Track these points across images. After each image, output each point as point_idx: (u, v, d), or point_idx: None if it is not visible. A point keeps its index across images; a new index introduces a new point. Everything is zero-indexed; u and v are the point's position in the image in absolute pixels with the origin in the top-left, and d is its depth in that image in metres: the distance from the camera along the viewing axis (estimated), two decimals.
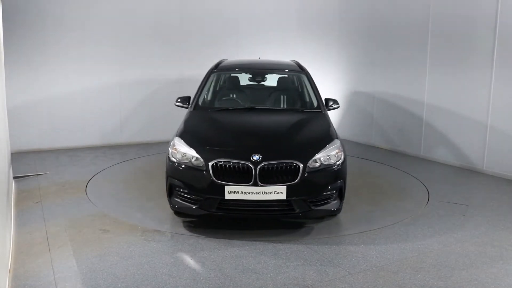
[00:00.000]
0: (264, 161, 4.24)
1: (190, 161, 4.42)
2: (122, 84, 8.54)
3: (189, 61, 8.93)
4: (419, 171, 6.95)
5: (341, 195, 4.62)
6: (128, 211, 5.08)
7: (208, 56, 8.48)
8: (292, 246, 4.22)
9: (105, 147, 8.30)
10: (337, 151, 4.60)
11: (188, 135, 4.74)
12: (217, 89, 6.27)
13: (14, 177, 6.21)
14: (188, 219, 4.81)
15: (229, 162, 4.27)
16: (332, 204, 4.55)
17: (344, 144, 4.92)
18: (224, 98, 6.06)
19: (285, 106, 5.82)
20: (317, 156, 4.45)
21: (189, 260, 3.91)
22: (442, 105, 7.43)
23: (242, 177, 4.24)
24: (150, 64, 8.72)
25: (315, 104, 5.61)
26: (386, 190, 6.05)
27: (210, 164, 4.28)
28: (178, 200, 4.52)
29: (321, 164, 4.45)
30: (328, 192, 4.48)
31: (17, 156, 7.35)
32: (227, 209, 4.37)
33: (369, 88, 8.85)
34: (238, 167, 4.26)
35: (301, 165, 4.30)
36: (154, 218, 4.88)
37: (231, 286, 3.49)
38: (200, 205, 4.37)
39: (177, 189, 4.49)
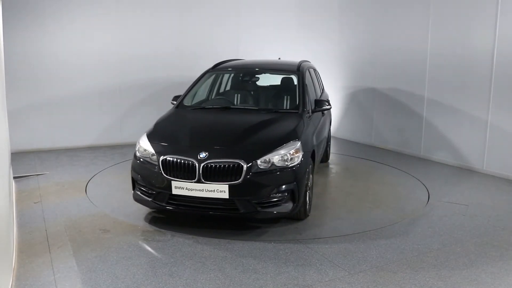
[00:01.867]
0: (209, 159, 4.32)
1: (149, 156, 4.61)
2: (122, 84, 8.54)
3: (190, 62, 8.91)
4: (419, 171, 6.95)
5: (293, 198, 4.46)
6: (128, 211, 5.08)
7: (209, 57, 8.48)
8: (292, 246, 4.23)
9: (105, 147, 8.30)
10: (293, 152, 4.49)
11: (154, 132, 4.95)
12: (208, 88, 6.31)
13: (14, 177, 6.21)
14: (187, 219, 4.82)
15: (177, 158, 4.40)
16: (282, 207, 4.41)
17: (303, 146, 4.73)
18: (210, 98, 6.13)
19: (262, 106, 5.73)
20: (267, 156, 4.38)
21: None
22: (442, 105, 7.43)
23: (188, 173, 4.34)
24: (150, 64, 8.72)
25: (295, 104, 5.50)
26: (386, 190, 6.05)
27: (160, 159, 4.46)
28: (138, 193, 4.72)
29: (272, 164, 4.38)
30: (277, 194, 4.37)
31: (17, 156, 7.36)
32: (176, 204, 4.49)
33: (369, 87, 8.85)
34: (184, 163, 4.36)
35: (245, 165, 4.27)
36: (154, 217, 4.89)
37: (231, 286, 3.50)
38: (153, 198, 4.56)
39: (138, 182, 4.71)
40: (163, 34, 8.78)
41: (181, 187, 4.35)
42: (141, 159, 4.68)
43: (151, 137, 4.82)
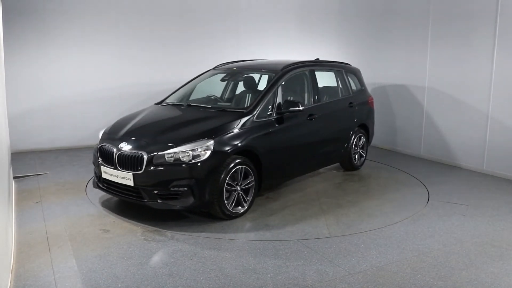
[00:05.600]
0: (125, 149, 4.79)
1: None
2: (122, 85, 8.54)
3: (190, 64, 8.91)
4: (419, 171, 6.95)
5: (194, 194, 4.57)
6: (128, 211, 5.08)
7: (208, 58, 8.50)
8: (292, 246, 4.23)
9: None
10: (201, 149, 4.61)
11: (113, 124, 5.52)
12: (199, 87, 6.39)
13: (14, 177, 6.21)
14: (188, 219, 4.82)
15: (106, 147, 5.00)
16: (182, 201, 4.59)
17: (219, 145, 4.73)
18: (192, 96, 6.28)
19: (218, 105, 5.81)
20: (171, 150, 4.60)
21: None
22: (443, 105, 7.43)
23: (110, 160, 4.89)
24: (151, 65, 8.73)
25: (246, 104, 5.53)
26: (386, 190, 6.05)
27: (98, 147, 5.12)
28: (94, 176, 5.37)
29: (177, 159, 4.57)
30: (178, 188, 4.55)
31: (17, 156, 7.36)
32: (106, 187, 5.06)
33: (369, 87, 8.84)
34: (108, 151, 4.93)
35: (145, 156, 4.59)
36: (153, 217, 4.89)
37: (231, 286, 3.49)
38: (97, 181, 5.20)
39: (94, 167, 5.34)
40: (163, 36, 8.78)
41: (105, 172, 4.95)
42: (96, 148, 5.25)
43: (108, 127, 5.43)
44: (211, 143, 4.69)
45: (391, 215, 5.08)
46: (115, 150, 4.84)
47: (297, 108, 5.45)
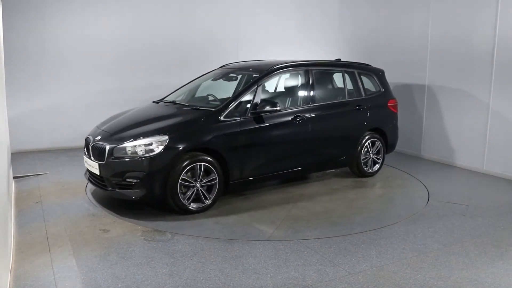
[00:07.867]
0: (98, 141, 5.13)
1: None
2: (122, 86, 8.54)
3: (190, 65, 8.90)
4: (419, 171, 6.95)
5: (145, 186, 4.78)
6: (128, 211, 5.08)
7: (208, 62, 8.49)
8: (292, 246, 4.23)
9: None
10: (155, 144, 4.82)
11: (106, 119, 5.86)
12: (199, 86, 6.44)
13: (14, 177, 6.21)
14: (188, 219, 4.82)
15: (87, 138, 5.39)
16: (135, 192, 4.82)
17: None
18: (192, 96, 6.35)
19: (195, 103, 5.77)
20: (127, 144, 4.88)
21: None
22: (443, 105, 7.43)
23: (88, 151, 5.27)
24: (151, 67, 8.72)
25: (220, 103, 5.51)
26: (386, 190, 6.05)
27: (85, 138, 5.48)
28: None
29: (133, 152, 4.83)
30: (131, 180, 4.81)
31: (17, 156, 7.36)
32: (89, 177, 5.38)
33: None
34: (87, 143, 5.33)
35: (107, 148, 4.92)
36: (154, 217, 4.89)
37: (231, 286, 3.49)
38: (86, 171, 5.52)
39: None
40: (164, 36, 8.77)
41: (85, 162, 5.36)
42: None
43: (99, 123, 5.78)
44: (165, 138, 4.85)
45: (391, 215, 5.08)
46: (91, 141, 5.21)
47: (274, 109, 5.41)
